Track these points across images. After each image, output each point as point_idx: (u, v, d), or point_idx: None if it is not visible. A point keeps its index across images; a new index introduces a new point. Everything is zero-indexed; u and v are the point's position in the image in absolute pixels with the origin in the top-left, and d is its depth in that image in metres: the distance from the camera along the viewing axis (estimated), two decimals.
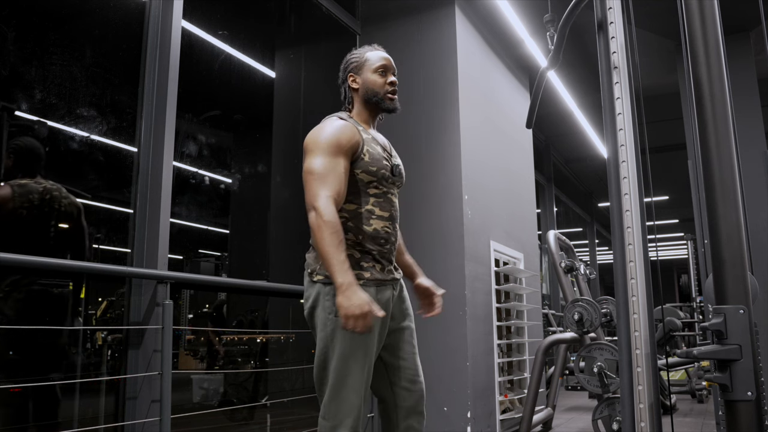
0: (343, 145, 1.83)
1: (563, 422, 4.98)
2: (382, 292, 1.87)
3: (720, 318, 1.39)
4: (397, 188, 2.00)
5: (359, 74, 1.99)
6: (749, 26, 4.37)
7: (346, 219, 1.86)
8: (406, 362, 1.95)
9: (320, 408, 1.83)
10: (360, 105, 2.00)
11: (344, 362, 1.78)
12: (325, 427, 1.79)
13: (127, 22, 2.99)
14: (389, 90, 1.98)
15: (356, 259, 1.84)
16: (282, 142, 4.48)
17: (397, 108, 2.01)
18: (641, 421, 1.77)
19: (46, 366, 2.54)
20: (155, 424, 2.31)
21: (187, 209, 4.48)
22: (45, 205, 2.57)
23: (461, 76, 3.94)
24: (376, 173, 1.88)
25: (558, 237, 4.39)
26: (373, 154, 1.89)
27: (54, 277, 2.57)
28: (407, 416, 1.94)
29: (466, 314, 3.60)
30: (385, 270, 1.90)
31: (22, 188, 2.52)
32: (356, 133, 1.88)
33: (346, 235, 1.83)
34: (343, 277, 1.68)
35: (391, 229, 1.93)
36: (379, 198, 1.90)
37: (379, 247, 1.88)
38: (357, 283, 1.70)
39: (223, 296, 5.44)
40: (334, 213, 1.74)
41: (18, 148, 2.58)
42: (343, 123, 1.90)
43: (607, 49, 1.96)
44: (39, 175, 2.58)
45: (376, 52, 2.03)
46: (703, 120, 1.46)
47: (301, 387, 3.97)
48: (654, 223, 1.99)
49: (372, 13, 4.26)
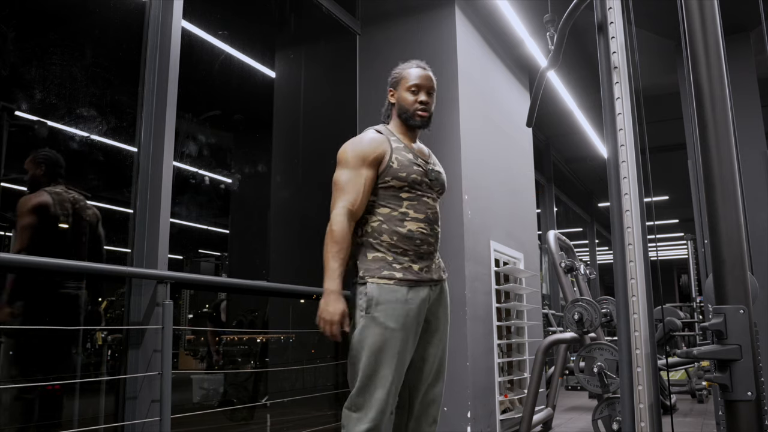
0: (367, 156, 1.98)
1: (563, 422, 4.98)
2: (416, 291, 1.94)
3: (720, 318, 1.39)
4: (436, 192, 2.09)
5: (396, 89, 2.12)
6: (749, 26, 4.37)
7: (381, 222, 1.98)
8: (428, 365, 2.00)
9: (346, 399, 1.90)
10: (395, 118, 2.13)
11: (373, 358, 1.86)
12: (347, 417, 1.87)
13: (127, 22, 2.99)
14: (419, 108, 2.08)
15: (390, 261, 1.94)
16: (282, 142, 4.48)
17: (424, 126, 2.11)
18: (641, 421, 1.77)
19: (46, 366, 2.54)
20: (155, 424, 2.30)
21: (187, 209, 4.48)
22: (76, 213, 2.68)
23: (461, 76, 3.94)
24: (406, 178, 1.99)
25: (558, 237, 4.39)
26: (402, 161, 2.00)
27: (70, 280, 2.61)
28: (418, 418, 2.00)
29: (466, 314, 3.61)
30: (423, 270, 1.97)
31: (58, 196, 2.60)
32: (383, 143, 2.01)
33: (381, 237, 1.96)
34: (330, 284, 1.86)
35: (428, 230, 2.01)
36: (413, 201, 2.00)
37: (415, 248, 1.97)
38: (340, 292, 1.86)
39: (223, 296, 5.44)
40: (342, 223, 1.90)
41: (47, 158, 2.65)
42: (371, 135, 2.04)
43: (607, 49, 1.96)
44: (64, 185, 2.66)
45: (415, 69, 2.12)
46: (703, 120, 1.46)
47: (301, 387, 3.97)
48: (654, 223, 1.99)
49: (372, 13, 4.26)
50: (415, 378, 2.00)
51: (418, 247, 1.97)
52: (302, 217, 4.41)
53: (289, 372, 4.05)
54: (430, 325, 2.02)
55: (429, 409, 2.00)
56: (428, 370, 2.00)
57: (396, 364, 1.86)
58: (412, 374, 2.00)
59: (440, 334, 2.03)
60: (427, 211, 2.02)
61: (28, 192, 2.58)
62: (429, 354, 2.01)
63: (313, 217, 4.30)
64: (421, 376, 2.00)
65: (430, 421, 2.01)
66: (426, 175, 2.04)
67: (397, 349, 1.86)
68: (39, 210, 2.55)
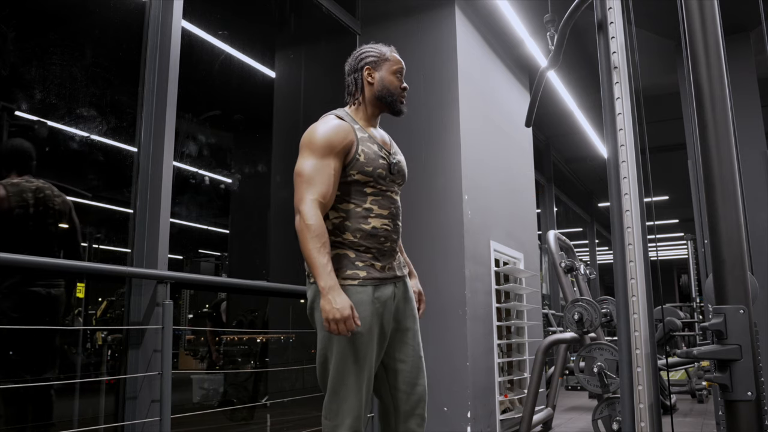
0: (335, 146, 1.84)
1: (563, 422, 4.98)
2: (381, 290, 1.87)
3: (720, 318, 1.39)
4: (398, 185, 2.00)
5: (377, 70, 1.99)
6: (749, 26, 4.37)
7: (343, 218, 1.87)
8: (405, 365, 1.93)
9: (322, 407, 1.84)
10: (369, 100, 1.99)
11: (342, 362, 1.79)
12: (327, 427, 1.81)
13: (127, 22, 2.99)
14: (403, 94, 2.01)
15: (352, 259, 1.85)
16: (282, 142, 4.48)
17: (404, 112, 2.03)
18: (641, 421, 1.77)
19: (45, 366, 2.54)
20: (155, 424, 2.30)
21: (187, 209, 4.48)
22: (39, 203, 2.58)
23: (461, 76, 3.94)
24: (372, 173, 1.88)
25: (558, 237, 4.39)
26: (368, 154, 1.89)
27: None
28: (406, 419, 1.93)
29: (466, 314, 3.60)
30: (386, 268, 1.90)
31: (15, 187, 2.53)
32: (350, 133, 1.88)
33: (343, 235, 1.86)
34: (325, 280, 1.72)
35: (392, 226, 1.92)
36: (377, 196, 1.90)
37: (378, 245, 1.88)
38: (338, 286, 1.73)
39: (223, 296, 5.44)
40: (318, 216, 1.76)
41: (5, 148, 2.60)
42: (337, 123, 1.89)
43: (607, 49, 1.96)
44: (29, 174, 2.59)
45: (394, 54, 2.05)
46: (703, 120, 1.46)
47: (301, 387, 3.97)
48: (654, 223, 1.99)
49: (372, 13, 4.26)
50: (395, 380, 1.92)
51: (381, 245, 1.89)
52: None
53: (289, 372, 4.05)
54: (400, 325, 1.94)
55: (416, 409, 1.93)
56: (407, 370, 1.92)
57: (366, 366, 1.80)
58: (391, 377, 1.93)
59: (411, 332, 1.96)
60: (390, 206, 1.92)
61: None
62: (404, 354, 1.93)
63: None
64: (401, 377, 1.92)
65: (419, 421, 1.94)
66: (389, 170, 1.93)
67: (366, 352, 1.79)
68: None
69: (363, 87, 1.99)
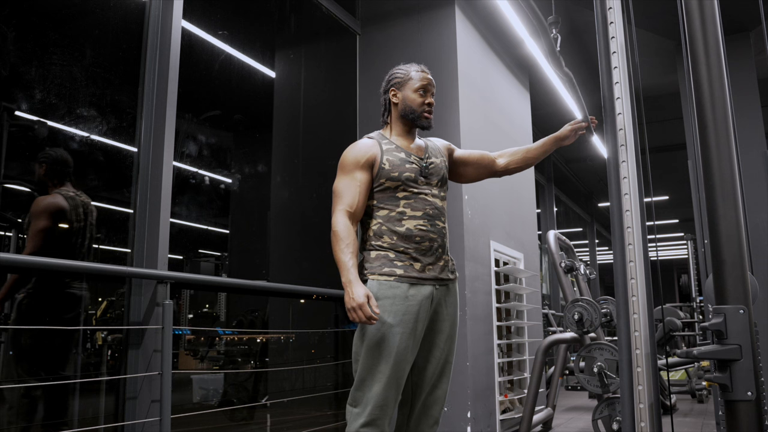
0: (359, 159, 2.03)
1: (563, 422, 4.98)
2: (417, 288, 1.96)
3: (720, 318, 1.39)
4: (436, 187, 2.09)
5: (401, 90, 2.13)
6: (749, 26, 4.37)
7: (381, 224, 2.02)
8: (431, 366, 2.02)
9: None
10: (396, 119, 2.14)
11: (370, 352, 1.89)
12: (348, 412, 1.92)
13: (127, 22, 2.99)
14: (426, 110, 2.12)
15: (392, 258, 1.98)
16: (282, 142, 4.48)
17: (430, 126, 2.15)
18: (641, 421, 1.77)
19: (46, 366, 2.54)
20: (155, 424, 2.31)
21: (187, 209, 4.48)
22: (88, 215, 2.71)
23: (461, 76, 3.94)
24: (399, 177, 2.02)
25: (558, 237, 4.39)
26: (393, 162, 2.03)
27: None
28: (419, 417, 2.01)
29: (466, 314, 3.61)
30: (426, 268, 1.99)
31: (72, 201, 2.64)
32: (373, 147, 2.06)
33: (383, 238, 2.00)
34: (346, 276, 1.88)
35: (428, 226, 2.02)
36: (409, 200, 2.02)
37: (415, 245, 1.99)
38: (359, 280, 1.88)
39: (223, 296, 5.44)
40: (343, 223, 1.95)
41: (52, 158, 2.66)
42: (363, 141, 2.10)
43: (607, 49, 1.96)
44: (71, 184, 2.68)
45: (419, 72, 2.15)
46: (703, 120, 1.46)
47: (301, 387, 3.97)
48: (654, 223, 1.99)
49: (372, 13, 4.26)
50: (418, 378, 2.01)
51: (418, 245, 1.99)
52: (302, 217, 4.41)
53: (289, 372, 4.05)
54: (435, 326, 2.03)
55: (430, 410, 2.01)
56: (431, 372, 2.01)
57: (394, 359, 1.88)
58: (415, 374, 2.01)
59: (445, 336, 2.04)
60: (425, 207, 2.02)
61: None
62: (433, 356, 2.02)
63: (313, 217, 4.30)
64: (425, 376, 2.01)
65: (431, 422, 2.02)
66: (421, 172, 2.05)
67: (395, 344, 1.88)
68: None
69: (390, 107, 2.15)
